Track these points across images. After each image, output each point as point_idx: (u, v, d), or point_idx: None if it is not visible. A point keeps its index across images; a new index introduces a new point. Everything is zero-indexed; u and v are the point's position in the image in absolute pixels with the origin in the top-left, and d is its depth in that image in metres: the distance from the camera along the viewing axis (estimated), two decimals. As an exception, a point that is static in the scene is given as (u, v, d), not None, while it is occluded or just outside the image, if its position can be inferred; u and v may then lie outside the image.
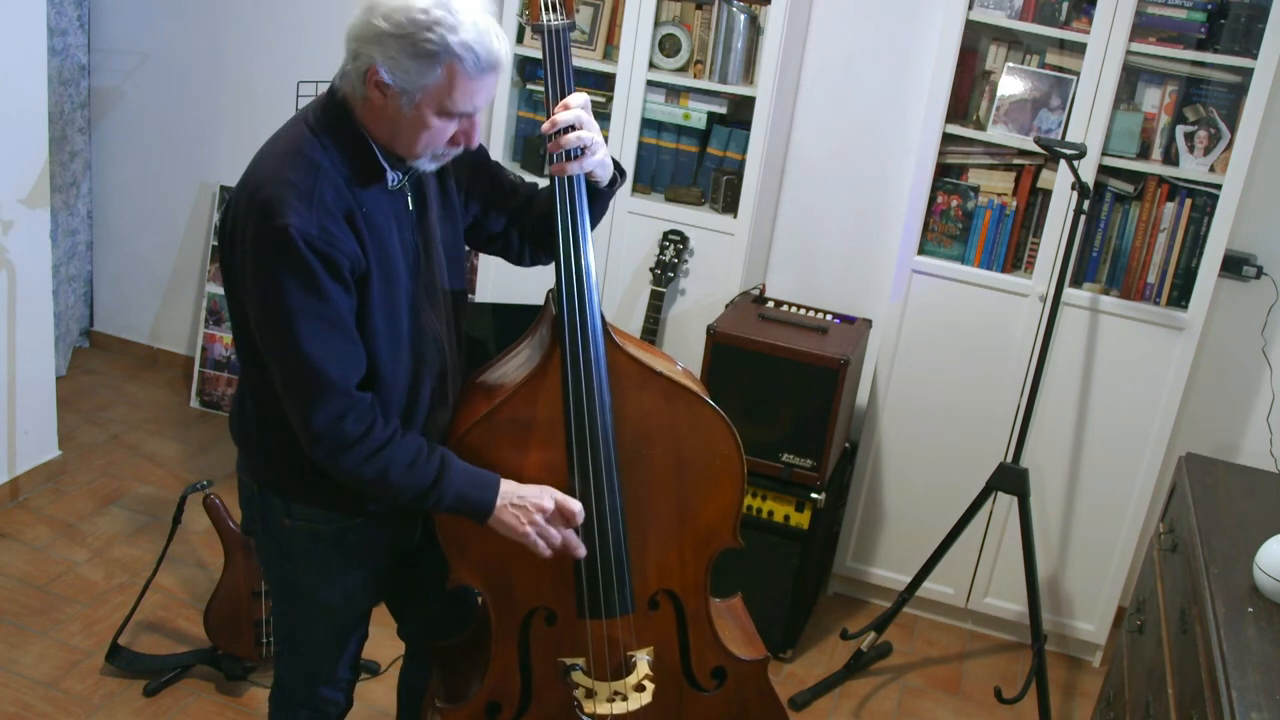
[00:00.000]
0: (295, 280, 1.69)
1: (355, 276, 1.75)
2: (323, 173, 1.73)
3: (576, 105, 1.87)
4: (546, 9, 1.89)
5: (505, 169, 2.10)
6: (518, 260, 2.15)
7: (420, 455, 1.81)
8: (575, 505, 1.91)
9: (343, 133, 1.76)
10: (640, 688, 2.08)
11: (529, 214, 2.07)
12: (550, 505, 1.89)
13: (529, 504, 1.88)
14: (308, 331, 1.70)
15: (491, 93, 1.77)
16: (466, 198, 2.02)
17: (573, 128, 1.86)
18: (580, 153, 1.87)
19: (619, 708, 2.08)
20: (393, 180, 1.81)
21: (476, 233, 2.09)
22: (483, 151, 2.04)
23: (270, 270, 1.70)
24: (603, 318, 1.92)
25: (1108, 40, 2.97)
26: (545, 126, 1.86)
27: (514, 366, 2.00)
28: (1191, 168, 3.04)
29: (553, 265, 1.92)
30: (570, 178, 1.89)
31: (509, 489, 1.88)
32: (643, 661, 2.08)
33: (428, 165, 1.82)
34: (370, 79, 1.70)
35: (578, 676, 2.06)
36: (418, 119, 1.73)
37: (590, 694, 2.07)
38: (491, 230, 2.08)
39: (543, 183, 2.05)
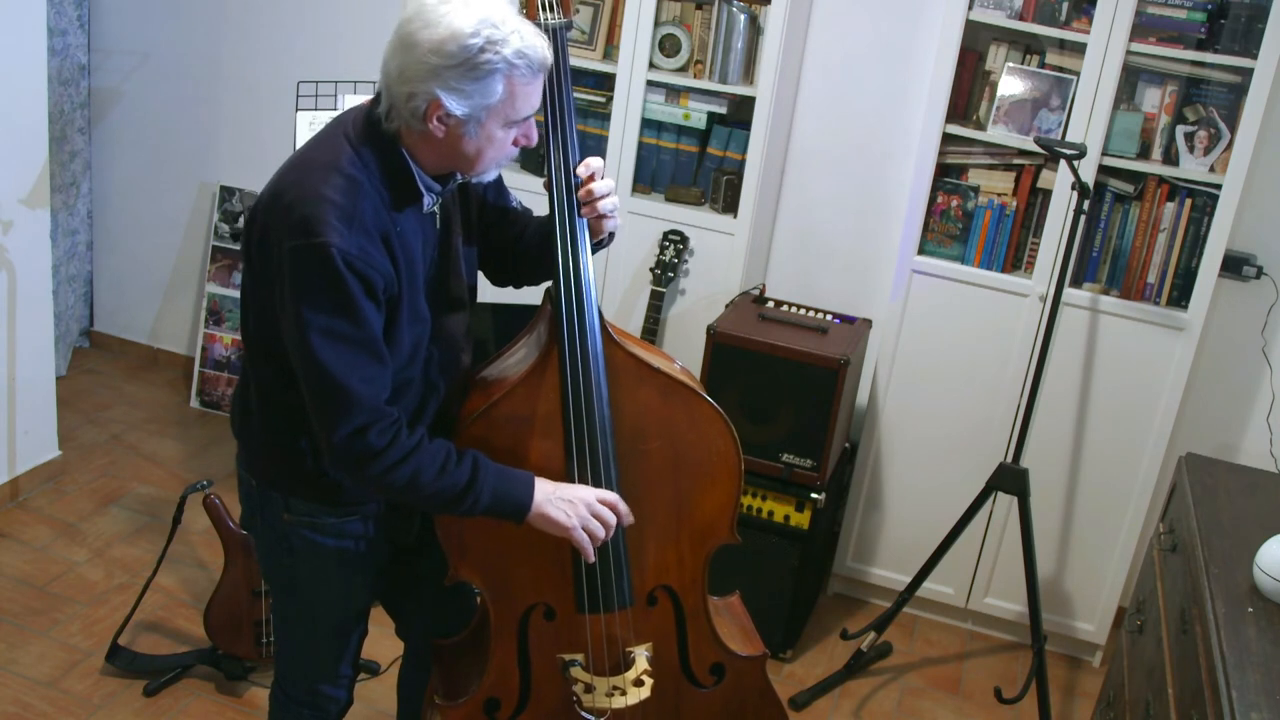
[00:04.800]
0: (331, 299, 1.70)
1: (387, 296, 1.76)
2: (363, 191, 1.73)
3: (599, 168, 1.94)
4: (544, 8, 1.89)
5: (511, 193, 2.12)
6: (493, 279, 2.18)
7: (450, 458, 1.82)
8: (613, 495, 1.93)
9: (384, 153, 1.77)
10: (639, 682, 2.09)
11: (519, 243, 2.09)
12: (592, 499, 1.90)
13: (573, 497, 1.88)
14: (338, 350, 1.71)
15: (541, 90, 1.80)
16: (478, 214, 2.03)
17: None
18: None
19: (618, 702, 2.08)
20: (429, 204, 1.83)
21: None
22: (499, 176, 2.06)
23: (306, 286, 1.70)
24: (600, 314, 1.93)
25: (1108, 40, 2.97)
26: (582, 194, 1.92)
27: (512, 363, 2.01)
28: (1191, 168, 3.04)
29: (550, 265, 1.93)
30: (567, 176, 1.91)
31: (543, 485, 1.88)
32: (641, 656, 2.08)
33: (491, 174, 1.86)
34: (432, 115, 1.71)
35: (577, 672, 2.06)
36: (485, 138, 1.75)
37: (589, 689, 2.07)
38: (481, 247, 2.10)
39: (536, 180, 2.05)
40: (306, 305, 1.70)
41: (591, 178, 1.93)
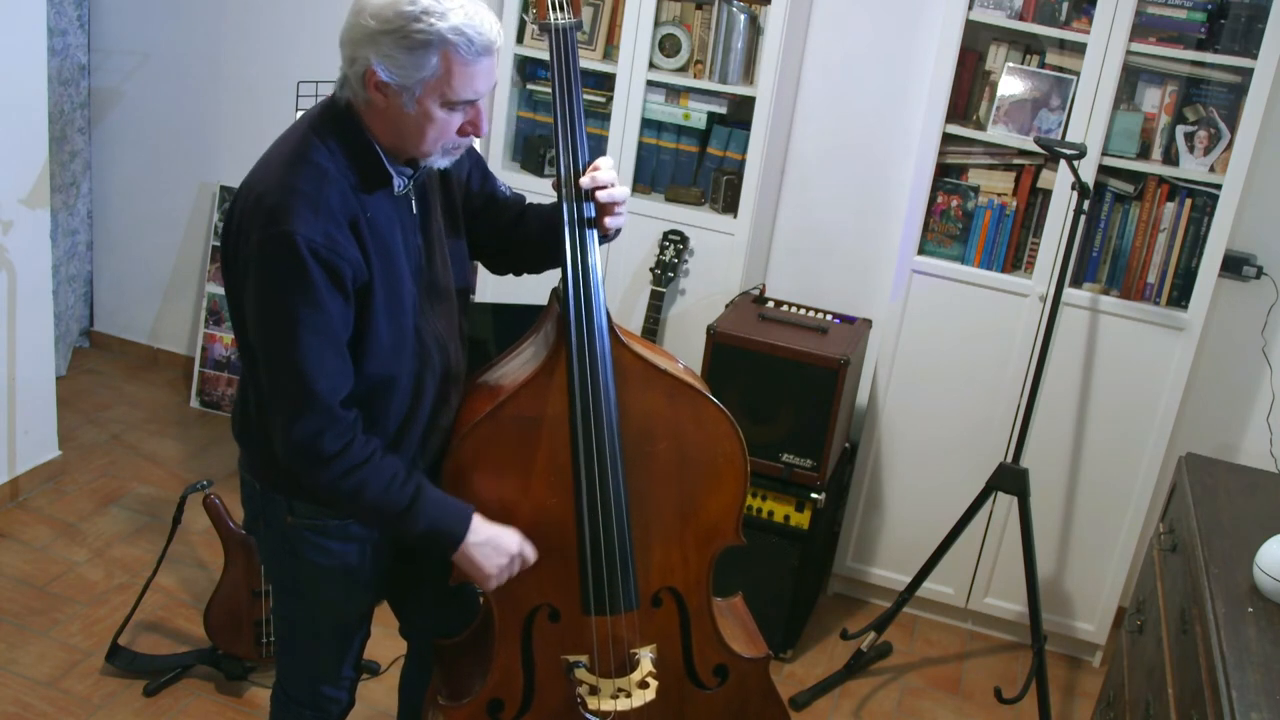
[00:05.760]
0: (295, 288, 1.69)
1: (357, 286, 1.75)
2: (329, 178, 1.73)
3: (609, 167, 1.92)
4: (554, 7, 1.88)
5: (498, 180, 2.11)
6: (492, 268, 2.17)
7: (396, 479, 1.82)
8: (531, 554, 1.95)
9: (348, 137, 1.77)
10: (644, 684, 2.08)
11: (516, 230, 2.08)
12: (515, 549, 1.92)
13: (499, 546, 1.90)
14: (301, 343, 1.71)
15: (492, 77, 1.76)
16: (464, 202, 2.02)
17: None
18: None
19: (622, 704, 2.08)
20: (399, 186, 1.82)
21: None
22: (480, 160, 2.05)
23: (271, 277, 1.70)
24: (608, 315, 1.93)
25: (1108, 40, 2.98)
26: (602, 196, 1.90)
27: (519, 364, 2.00)
28: (1191, 168, 3.04)
29: (559, 263, 1.93)
30: (576, 188, 1.91)
31: (479, 525, 1.89)
32: (646, 658, 2.08)
33: (440, 161, 1.83)
34: (369, 81, 1.71)
35: (581, 674, 2.06)
36: (422, 114, 1.73)
37: (594, 691, 2.07)
38: (472, 235, 2.09)
39: (543, 184, 2.05)
40: (270, 294, 1.71)
41: (596, 168, 1.92)
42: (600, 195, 1.91)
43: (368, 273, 1.76)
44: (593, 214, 1.92)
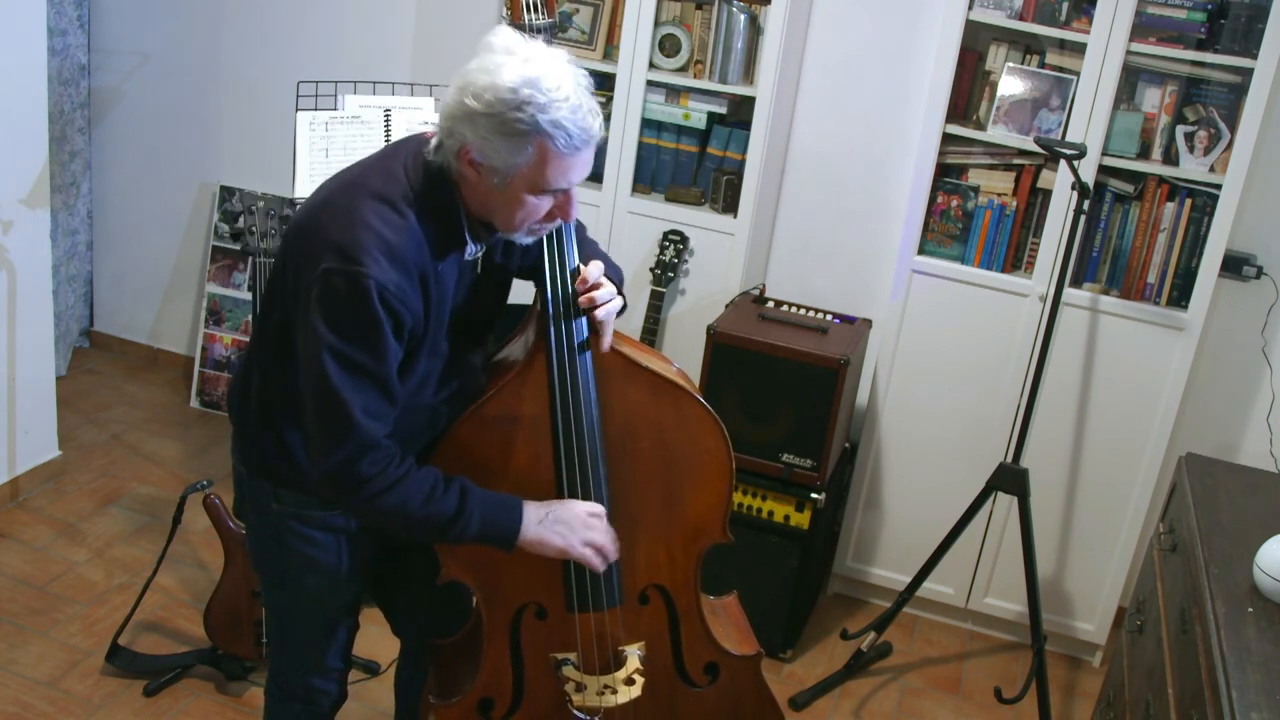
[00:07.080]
0: (357, 329, 1.70)
1: (411, 335, 1.78)
2: (409, 229, 1.73)
3: (598, 276, 1.92)
4: (529, 8, 1.90)
5: None
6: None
7: (437, 486, 1.82)
8: (599, 506, 1.94)
9: (437, 197, 1.77)
10: (630, 681, 2.09)
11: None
12: (584, 513, 1.91)
13: (566, 518, 1.89)
14: (353, 380, 1.72)
15: (587, 168, 1.76)
16: (520, 255, 2.03)
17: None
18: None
19: (608, 701, 2.09)
20: (471, 252, 1.84)
21: None
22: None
23: (335, 311, 1.70)
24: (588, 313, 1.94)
25: (1108, 40, 2.97)
26: (583, 302, 1.90)
27: (502, 364, 2.02)
28: (1191, 168, 3.04)
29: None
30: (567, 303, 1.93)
31: (533, 509, 1.89)
32: (633, 656, 2.09)
33: (523, 239, 1.84)
34: (463, 157, 1.71)
35: (568, 671, 2.07)
36: (512, 196, 1.73)
37: (580, 688, 2.08)
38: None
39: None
40: (331, 329, 1.70)
41: (595, 285, 1.92)
42: (598, 314, 1.91)
43: (424, 327, 1.79)
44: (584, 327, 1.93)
